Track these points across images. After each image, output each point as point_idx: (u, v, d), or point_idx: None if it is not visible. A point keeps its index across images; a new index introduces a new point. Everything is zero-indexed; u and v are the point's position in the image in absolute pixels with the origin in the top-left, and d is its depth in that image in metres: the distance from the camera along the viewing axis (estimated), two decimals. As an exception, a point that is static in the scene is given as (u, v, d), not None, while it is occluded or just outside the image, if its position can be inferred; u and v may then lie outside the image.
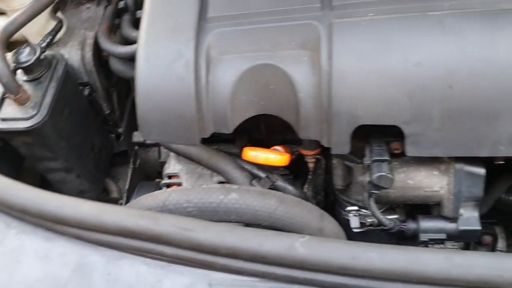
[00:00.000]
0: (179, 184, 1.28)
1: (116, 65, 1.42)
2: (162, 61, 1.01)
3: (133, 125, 1.67)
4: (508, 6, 0.90)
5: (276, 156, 1.07)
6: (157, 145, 1.51)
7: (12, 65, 1.22)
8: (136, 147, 1.56)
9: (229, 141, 1.29)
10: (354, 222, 1.10)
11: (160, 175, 1.56)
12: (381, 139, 1.00)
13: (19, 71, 1.25)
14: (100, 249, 0.87)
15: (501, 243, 1.34)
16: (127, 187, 1.58)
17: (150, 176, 1.61)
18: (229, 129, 1.02)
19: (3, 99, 1.23)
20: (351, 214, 1.12)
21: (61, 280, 0.87)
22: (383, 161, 0.96)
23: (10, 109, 1.21)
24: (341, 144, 0.96)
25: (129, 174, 1.60)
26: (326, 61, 0.94)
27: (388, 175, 0.94)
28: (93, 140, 1.45)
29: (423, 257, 0.72)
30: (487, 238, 1.31)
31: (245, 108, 1.02)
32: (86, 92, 1.42)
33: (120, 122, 1.61)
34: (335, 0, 0.98)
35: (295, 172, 1.24)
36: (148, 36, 1.04)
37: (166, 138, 1.04)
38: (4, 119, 1.20)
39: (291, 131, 1.03)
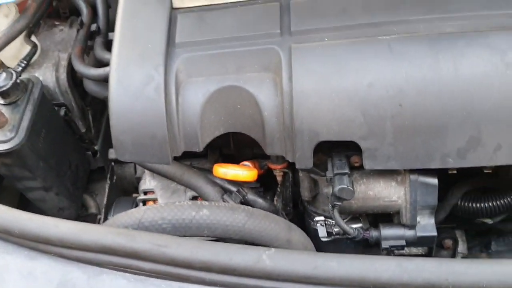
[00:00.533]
0: (154, 200, 1.34)
1: (90, 86, 1.46)
2: (134, 85, 1.07)
3: (108, 142, 1.71)
4: (450, 30, 0.99)
5: (245, 172, 1.14)
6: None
7: (-11, 90, 1.27)
8: (112, 163, 1.61)
9: (202, 156, 1.35)
10: (322, 232, 1.17)
11: (137, 190, 1.61)
12: (342, 153, 1.07)
13: (-4, 95, 1.30)
14: (82, 265, 0.92)
15: (461, 246, 1.43)
16: (105, 202, 1.63)
17: (127, 191, 1.66)
18: (199, 147, 1.08)
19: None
20: (318, 224, 1.19)
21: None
22: (344, 174, 1.03)
23: (-13, 133, 1.25)
24: (304, 159, 1.02)
25: (107, 190, 1.64)
26: (287, 83, 1.01)
27: (349, 187, 1.01)
28: (70, 159, 1.50)
29: (377, 264, 0.80)
30: (448, 242, 1.39)
31: (214, 127, 1.08)
32: (62, 112, 1.47)
33: (96, 140, 1.66)
34: (294, 26, 1.05)
35: (265, 184, 1.31)
36: (120, 61, 1.10)
37: (140, 158, 1.10)
38: (-18, 142, 1.24)
39: (259, 146, 1.09)
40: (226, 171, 1.14)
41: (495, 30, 0.98)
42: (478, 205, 1.24)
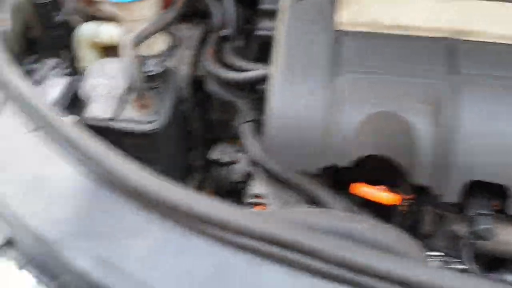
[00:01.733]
0: (264, 205, 1.37)
1: (214, 87, 1.53)
2: (296, 96, 1.13)
3: (204, 143, 1.76)
4: None
5: (388, 195, 1.18)
6: (231, 164, 1.61)
7: (138, 72, 1.32)
8: (201, 163, 1.66)
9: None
10: (436, 267, 1.21)
11: (227, 193, 1.65)
12: (485, 194, 1.12)
13: (140, 78, 1.35)
14: (242, 253, 0.95)
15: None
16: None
17: (216, 193, 1.70)
18: (345, 163, 1.13)
19: (123, 102, 1.32)
20: (431, 259, 1.23)
21: (199, 277, 0.95)
22: (488, 214, 1.08)
23: (131, 111, 1.30)
24: (452, 194, 1.07)
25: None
26: (450, 118, 1.06)
27: (492, 228, 1.06)
28: (184, 153, 1.55)
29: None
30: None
31: (364, 147, 1.13)
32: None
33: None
34: (462, 67, 1.11)
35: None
36: (284, 72, 1.16)
37: (289, 161, 1.15)
38: (125, 120, 1.29)
39: (387, 174, 1.14)
40: (368, 190, 1.18)
41: None
42: None
